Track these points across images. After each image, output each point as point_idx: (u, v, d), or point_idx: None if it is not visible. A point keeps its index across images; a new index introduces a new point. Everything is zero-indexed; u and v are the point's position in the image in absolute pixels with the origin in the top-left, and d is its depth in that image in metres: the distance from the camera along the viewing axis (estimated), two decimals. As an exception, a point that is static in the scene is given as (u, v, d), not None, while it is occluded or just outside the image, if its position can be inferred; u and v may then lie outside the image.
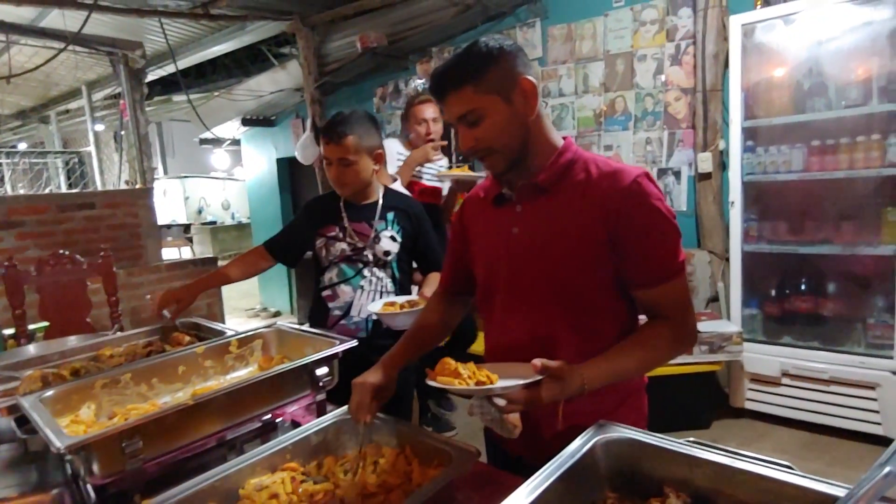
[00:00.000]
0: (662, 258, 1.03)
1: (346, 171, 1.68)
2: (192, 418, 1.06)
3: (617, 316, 1.10)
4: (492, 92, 1.02)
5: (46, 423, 0.97)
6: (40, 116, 7.85)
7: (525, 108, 1.04)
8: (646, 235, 1.01)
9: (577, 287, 1.06)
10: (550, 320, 1.09)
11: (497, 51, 1.02)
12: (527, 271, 1.10)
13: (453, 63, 1.05)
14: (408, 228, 1.79)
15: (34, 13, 4.47)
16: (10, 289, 2.69)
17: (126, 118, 4.70)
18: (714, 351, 2.82)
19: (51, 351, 1.63)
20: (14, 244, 3.83)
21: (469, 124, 1.05)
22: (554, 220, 1.08)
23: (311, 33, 5.07)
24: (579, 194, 1.06)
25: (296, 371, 1.23)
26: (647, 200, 1.01)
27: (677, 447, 0.78)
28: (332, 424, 1.19)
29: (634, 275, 1.05)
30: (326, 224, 1.79)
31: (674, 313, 1.05)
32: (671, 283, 1.03)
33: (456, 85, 1.03)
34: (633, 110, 3.67)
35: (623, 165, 1.07)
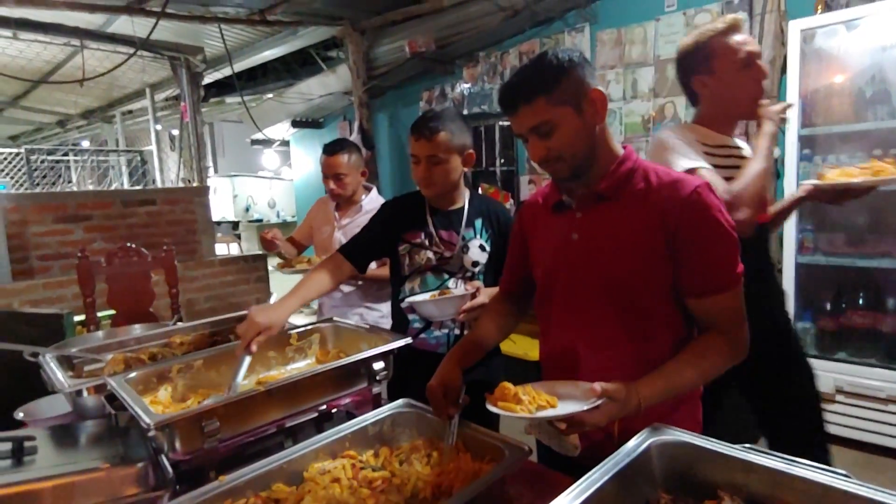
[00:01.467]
0: (718, 268, 1.04)
1: (436, 169, 1.58)
2: (261, 404, 1.14)
3: (673, 324, 1.11)
4: (564, 103, 1.04)
5: (135, 402, 1.06)
6: (104, 116, 8.31)
7: (594, 117, 1.07)
8: (703, 245, 1.03)
9: (634, 293, 1.09)
10: (607, 326, 1.12)
11: (567, 62, 1.05)
12: (585, 276, 1.13)
13: (525, 75, 1.07)
14: (496, 236, 1.65)
15: (102, 19, 4.75)
16: (82, 278, 2.88)
17: (186, 119, 4.92)
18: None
19: (118, 338, 1.75)
20: (83, 236, 4.09)
21: (541, 135, 1.07)
22: (613, 227, 1.10)
23: (361, 38, 5.20)
24: (639, 202, 1.08)
25: (355, 365, 1.29)
26: (707, 211, 1.03)
27: (733, 451, 0.79)
28: (388, 416, 1.25)
29: (689, 283, 1.06)
30: (411, 229, 1.66)
31: (727, 325, 1.06)
32: (726, 294, 1.05)
33: (528, 97, 1.05)
34: (684, 116, 3.61)
35: (683, 175, 1.09)
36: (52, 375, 1.29)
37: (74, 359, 1.47)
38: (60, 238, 3.98)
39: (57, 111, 8.82)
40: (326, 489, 1.05)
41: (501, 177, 5.07)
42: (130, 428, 1.16)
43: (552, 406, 0.98)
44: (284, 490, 1.03)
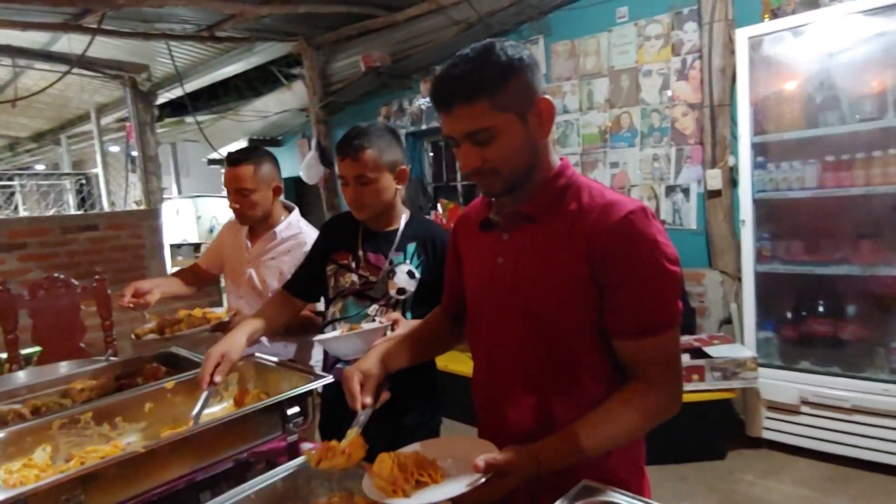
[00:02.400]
0: (648, 306, 0.90)
1: (365, 190, 1.45)
2: (146, 465, 0.98)
3: (607, 366, 0.97)
4: (509, 109, 0.90)
5: (-17, 474, 0.89)
6: (55, 139, 7.99)
7: (539, 130, 0.94)
8: (630, 280, 0.89)
9: (558, 330, 0.95)
10: (533, 362, 0.99)
11: (518, 62, 0.90)
12: (508, 306, 1.00)
13: (467, 70, 0.89)
14: (431, 262, 1.48)
15: (47, 38, 4.54)
16: (2, 313, 2.65)
17: (132, 140, 4.71)
18: (728, 378, 2.68)
19: (38, 379, 1.57)
20: (17, 266, 3.83)
21: (477, 143, 0.92)
22: (538, 252, 0.97)
23: (317, 54, 5.08)
24: (567, 226, 0.94)
25: (261, 412, 1.14)
26: (638, 241, 0.89)
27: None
28: (302, 470, 1.10)
29: (615, 323, 0.92)
30: (340, 249, 1.55)
31: (655, 375, 0.91)
32: (656, 338, 0.90)
33: (469, 96, 0.89)
34: (640, 126, 3.58)
35: (619, 197, 0.94)
36: None
37: (-51, 414, 1.29)
38: (-9, 269, 3.71)
39: (6, 134, 8.47)
40: (216, 566, 0.90)
41: (463, 192, 4.98)
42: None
43: (436, 481, 0.87)
44: (166, 570, 0.88)
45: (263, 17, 4.39)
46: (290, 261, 1.89)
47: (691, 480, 2.63)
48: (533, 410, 1.00)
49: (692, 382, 2.68)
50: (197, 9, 3.94)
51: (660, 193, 3.54)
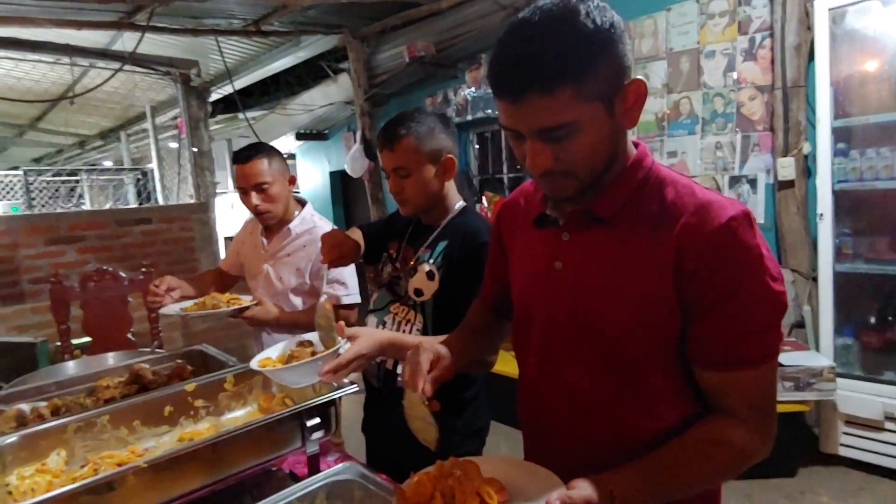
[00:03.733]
0: (746, 335, 0.74)
1: (405, 183, 1.32)
2: (150, 480, 0.91)
3: (687, 395, 0.81)
4: (597, 98, 0.71)
5: (-17, 484, 0.84)
6: (118, 136, 8.37)
7: (625, 119, 0.76)
8: (729, 302, 0.73)
9: (634, 351, 0.80)
10: (595, 383, 0.83)
11: (610, 32, 0.70)
12: (568, 319, 0.84)
13: (545, 47, 0.69)
14: (452, 266, 1.32)
15: (107, 38, 4.69)
16: (54, 304, 2.74)
17: (182, 135, 4.81)
18: (801, 388, 2.43)
19: (85, 371, 1.58)
20: (75, 258, 3.98)
21: (552, 140, 0.73)
22: (609, 260, 0.81)
23: (362, 45, 5.04)
24: (648, 230, 0.78)
25: (278, 423, 1.06)
26: (742, 254, 0.73)
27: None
28: (321, 488, 1.02)
29: (700, 350, 0.77)
30: (394, 238, 1.48)
31: (747, 413, 0.76)
32: (751, 372, 0.75)
33: (548, 84, 0.69)
34: (701, 112, 3.31)
35: (716, 197, 0.77)
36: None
37: (-23, 411, 1.27)
38: (52, 260, 3.88)
39: (77, 132, 8.94)
40: None
41: (509, 184, 4.81)
42: (0, 508, 0.94)
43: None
44: None
45: (308, 9, 4.37)
46: (305, 256, 1.88)
47: (758, 499, 2.40)
48: (590, 437, 0.86)
49: (759, 392, 2.44)
50: (243, 3, 3.95)
51: (723, 184, 3.27)
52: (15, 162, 10.39)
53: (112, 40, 4.81)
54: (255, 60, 5.55)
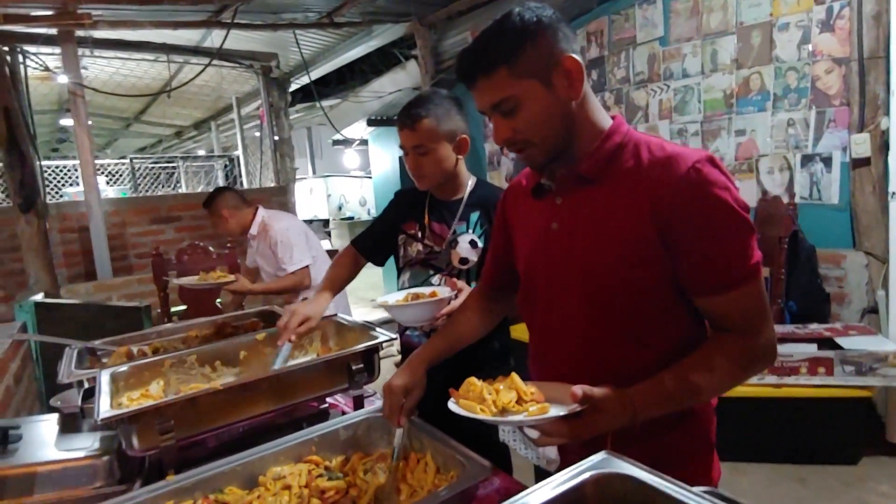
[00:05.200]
0: (727, 260, 0.85)
1: (423, 160, 1.45)
2: (225, 403, 1.12)
3: (676, 326, 0.93)
4: (530, 75, 0.88)
5: (102, 395, 1.08)
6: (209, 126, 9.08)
7: (568, 91, 0.90)
8: (706, 233, 0.85)
9: (623, 292, 0.92)
10: (595, 327, 0.96)
11: (534, 24, 0.88)
12: (566, 273, 0.98)
13: (483, 42, 0.90)
14: (490, 230, 1.45)
15: (199, 35, 5.15)
16: (156, 274, 3.13)
17: (264, 123, 5.19)
18: (863, 373, 2.34)
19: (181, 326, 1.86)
20: (173, 236, 4.46)
21: (504, 114, 0.91)
22: (596, 214, 0.94)
23: (429, 32, 5.18)
24: (627, 185, 0.91)
25: (331, 364, 1.24)
26: (709, 190, 0.84)
27: (686, 497, 0.63)
28: (364, 421, 1.19)
29: (693, 280, 0.88)
30: (409, 219, 1.60)
31: (744, 325, 0.87)
32: (739, 290, 0.85)
33: (487, 67, 0.88)
34: (772, 88, 3.18)
35: (681, 149, 0.89)
36: (64, 367, 1.37)
37: (98, 350, 1.56)
38: (154, 238, 4.37)
39: (174, 124, 9.79)
40: (276, 496, 1.01)
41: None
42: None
43: (532, 409, 0.84)
44: (235, 493, 1.01)
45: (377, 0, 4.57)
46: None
47: (812, 484, 2.35)
48: (596, 378, 0.97)
49: (817, 376, 2.38)
50: (317, -4, 4.20)
51: (794, 164, 3.13)
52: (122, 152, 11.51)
53: (203, 38, 5.27)
54: (330, 51, 5.84)
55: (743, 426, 2.53)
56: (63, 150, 10.65)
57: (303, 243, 2.72)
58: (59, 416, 1.26)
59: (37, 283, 3.65)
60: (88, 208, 3.96)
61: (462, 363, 1.21)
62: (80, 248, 4.19)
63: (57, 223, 4.09)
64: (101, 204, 4.07)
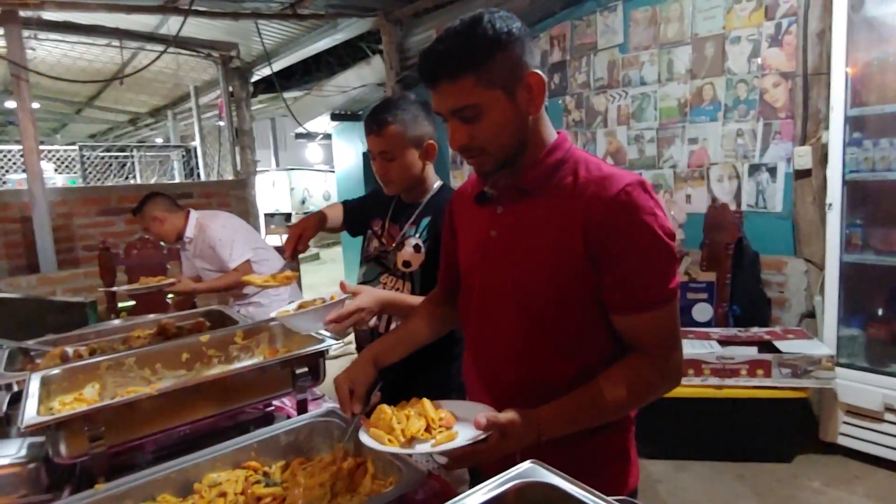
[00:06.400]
0: (645, 282, 0.88)
1: (390, 165, 1.45)
2: (161, 408, 1.09)
3: (599, 340, 0.95)
4: (495, 85, 0.87)
5: (29, 400, 1.04)
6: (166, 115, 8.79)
7: (529, 105, 0.91)
8: (627, 254, 0.88)
9: (551, 304, 0.94)
10: (523, 337, 0.98)
11: (506, 35, 0.86)
12: (500, 280, 0.99)
13: (453, 45, 0.87)
14: (437, 238, 1.43)
15: (155, 21, 4.97)
16: (103, 268, 3.02)
17: (223, 115, 5.06)
18: (798, 375, 2.46)
19: (123, 325, 1.80)
20: (124, 228, 4.31)
21: (464, 120, 0.90)
22: (532, 226, 0.96)
23: (395, 28, 5.14)
24: (562, 200, 0.93)
25: (274, 367, 1.22)
26: (635, 214, 0.87)
27: (603, 504, 0.65)
28: (306, 426, 1.17)
29: (612, 298, 0.91)
30: (376, 216, 1.64)
31: (653, 347, 0.90)
32: (654, 313, 0.89)
33: (453, 73, 0.86)
34: (724, 99, 3.29)
35: (616, 171, 0.92)
36: (-8, 368, 1.31)
37: (31, 351, 1.50)
38: (103, 230, 4.21)
39: (128, 110, 9.42)
40: (210, 503, 0.99)
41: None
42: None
43: (440, 436, 0.87)
44: (168, 500, 0.98)
45: (342, -7, 4.51)
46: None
47: (749, 481, 2.46)
48: (523, 387, 0.99)
49: (755, 378, 2.49)
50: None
51: (742, 172, 3.26)
52: (73, 138, 11.02)
53: (160, 23, 5.09)
54: (294, 42, 5.73)
55: (685, 425, 2.62)
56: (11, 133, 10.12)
57: (241, 238, 2.71)
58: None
59: (-26, 276, 3.46)
60: (31, 197, 3.78)
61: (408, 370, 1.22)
62: (22, 239, 4.00)
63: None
64: (46, 193, 3.89)
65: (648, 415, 1.01)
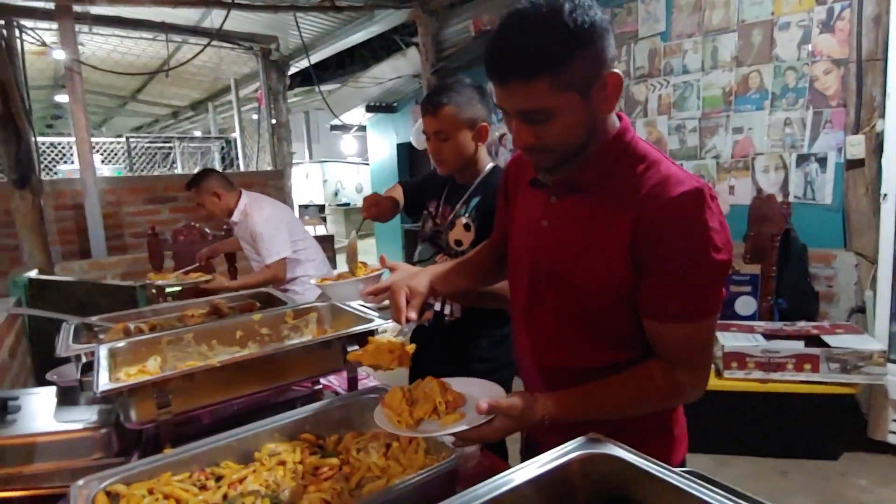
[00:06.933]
0: (682, 295, 0.84)
1: (443, 146, 1.51)
2: (221, 380, 1.14)
3: (635, 338, 0.93)
4: (572, 88, 0.79)
5: (101, 370, 1.10)
6: (206, 107, 9.01)
7: (601, 104, 0.84)
8: (670, 263, 0.83)
9: (598, 299, 0.92)
10: (574, 327, 0.98)
11: (588, 30, 0.77)
12: (549, 271, 0.98)
13: (529, 41, 0.77)
14: (485, 216, 1.52)
15: (198, 15, 5.09)
16: (151, 253, 3.13)
17: (262, 106, 5.16)
18: (848, 371, 2.38)
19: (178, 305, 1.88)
20: (168, 217, 4.45)
21: (531, 122, 0.84)
22: (583, 222, 0.92)
23: (431, 19, 5.15)
24: (616, 196, 0.88)
25: (326, 345, 1.26)
26: (688, 225, 0.81)
27: (668, 476, 0.65)
28: (357, 401, 1.21)
29: (650, 302, 0.87)
30: (432, 198, 1.70)
31: (681, 359, 0.88)
32: (686, 326, 0.85)
33: (527, 73, 0.78)
34: (771, 87, 3.20)
35: (679, 173, 0.85)
36: (62, 341, 1.38)
37: (95, 327, 1.58)
38: (150, 217, 4.36)
39: (171, 104, 9.71)
40: (271, 471, 1.03)
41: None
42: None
43: (456, 406, 0.92)
44: (230, 467, 1.03)
45: (380, -15, 4.53)
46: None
47: (793, 478, 2.41)
48: (574, 373, 0.98)
49: (803, 372, 2.42)
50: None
51: (790, 163, 3.16)
52: (117, 131, 11.40)
53: (202, 17, 5.22)
54: (330, 35, 5.80)
55: (727, 419, 2.58)
56: (58, 126, 10.54)
57: (283, 235, 2.68)
58: (56, 389, 1.28)
59: (31, 260, 3.64)
60: (84, 186, 3.94)
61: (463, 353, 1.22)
62: (74, 226, 4.17)
63: (52, 200, 4.07)
64: (97, 182, 4.05)
65: (689, 408, 0.99)
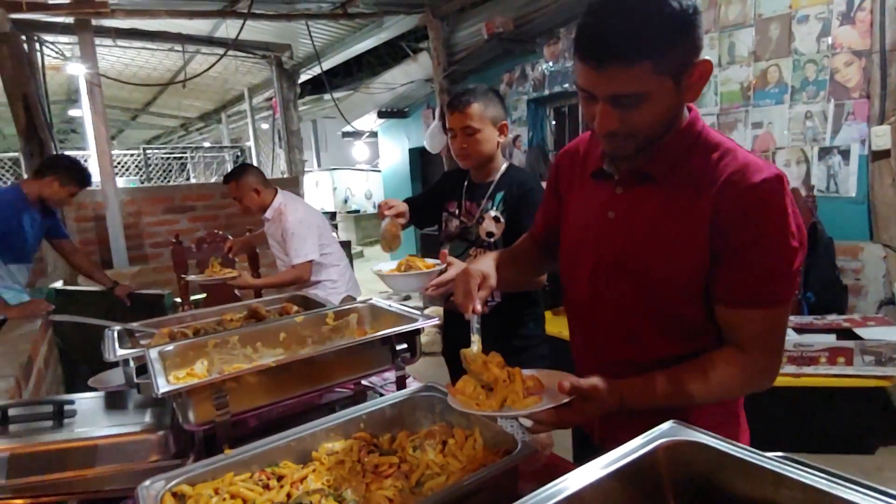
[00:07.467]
0: (760, 279, 0.84)
1: (470, 140, 1.64)
2: (275, 381, 1.14)
3: (707, 327, 0.92)
4: (668, 72, 0.78)
5: (157, 372, 1.11)
6: (217, 118, 9.09)
7: (688, 92, 0.83)
8: (749, 248, 0.83)
9: (668, 291, 0.91)
10: (640, 319, 0.96)
11: (692, 17, 0.77)
12: (616, 263, 0.97)
13: (634, 23, 0.75)
14: (512, 208, 1.66)
15: (209, 26, 5.15)
16: (176, 262, 3.15)
17: (276, 114, 5.20)
18: (882, 363, 2.36)
19: (215, 310, 1.88)
20: (187, 226, 4.49)
21: (622, 106, 0.81)
22: (655, 212, 0.91)
23: (442, 24, 5.17)
24: (692, 186, 0.87)
25: (375, 344, 1.26)
26: (770, 210, 0.82)
27: (761, 461, 0.65)
28: (408, 400, 1.20)
29: (725, 288, 0.87)
30: (451, 199, 1.81)
31: (754, 347, 0.87)
32: (761, 312, 0.85)
33: (630, 56, 0.76)
34: (790, 80, 3.19)
35: (757, 161, 0.85)
36: (108, 347, 1.39)
37: (136, 332, 1.59)
38: (169, 227, 4.39)
39: (181, 115, 9.81)
40: (331, 470, 1.03)
41: (585, 159, 4.81)
42: (165, 398, 1.21)
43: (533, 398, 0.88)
44: (290, 466, 1.03)
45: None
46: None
47: (829, 472, 2.37)
48: (629, 359, 0.99)
49: (836, 366, 2.40)
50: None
51: (811, 156, 3.14)
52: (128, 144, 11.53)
53: (214, 27, 5.28)
54: (340, 42, 5.85)
55: (759, 414, 2.54)
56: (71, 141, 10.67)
57: (313, 237, 2.71)
58: (104, 394, 1.29)
59: (55, 271, 3.67)
60: (105, 197, 3.98)
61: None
62: (95, 237, 4.22)
63: (73, 212, 4.11)
64: (118, 193, 4.09)
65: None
